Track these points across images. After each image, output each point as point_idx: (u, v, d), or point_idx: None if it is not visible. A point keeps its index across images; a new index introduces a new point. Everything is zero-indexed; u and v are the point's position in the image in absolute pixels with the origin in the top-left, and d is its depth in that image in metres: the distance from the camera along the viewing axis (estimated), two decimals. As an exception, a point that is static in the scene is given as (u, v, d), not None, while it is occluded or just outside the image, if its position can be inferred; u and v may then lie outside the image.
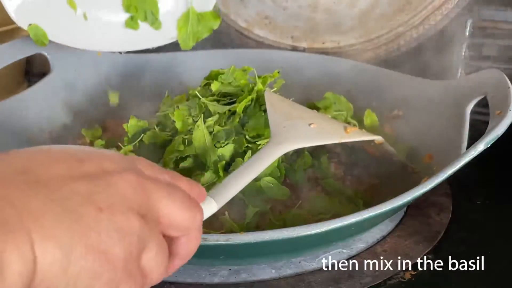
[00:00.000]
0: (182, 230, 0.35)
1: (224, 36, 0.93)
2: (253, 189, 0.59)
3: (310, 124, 0.59)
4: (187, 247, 0.36)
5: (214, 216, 0.56)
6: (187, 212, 0.35)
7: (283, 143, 0.55)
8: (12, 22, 0.69)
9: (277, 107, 0.62)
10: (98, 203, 0.29)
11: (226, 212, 0.56)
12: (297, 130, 0.58)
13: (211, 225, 0.56)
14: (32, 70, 0.97)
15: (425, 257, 0.55)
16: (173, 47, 0.79)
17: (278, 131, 0.57)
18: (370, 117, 0.69)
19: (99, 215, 0.29)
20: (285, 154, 0.62)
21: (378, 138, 0.62)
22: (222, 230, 0.55)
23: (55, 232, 0.27)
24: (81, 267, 0.28)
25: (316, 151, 0.64)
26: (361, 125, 0.69)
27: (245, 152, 0.60)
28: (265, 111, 0.63)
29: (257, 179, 0.59)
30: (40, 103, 0.75)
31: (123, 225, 0.30)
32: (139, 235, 0.31)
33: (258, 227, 0.56)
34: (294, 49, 0.90)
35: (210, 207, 0.42)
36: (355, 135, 0.60)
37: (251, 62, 0.79)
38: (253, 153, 0.60)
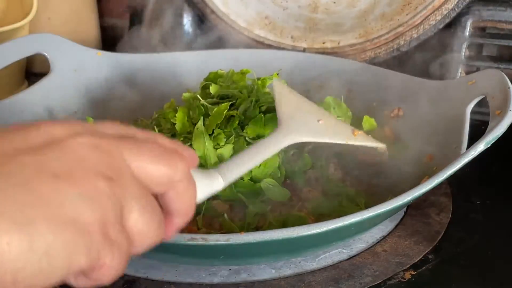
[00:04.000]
0: (164, 184, 0.33)
1: (224, 36, 0.93)
2: (253, 190, 0.59)
3: (318, 120, 0.59)
4: (179, 201, 0.34)
5: (214, 217, 0.57)
6: (163, 164, 0.32)
7: (292, 133, 0.54)
8: (12, 22, 0.69)
9: (286, 97, 0.61)
10: (53, 171, 0.27)
11: (225, 214, 0.56)
12: (306, 124, 0.57)
13: (211, 225, 0.56)
14: (32, 70, 0.97)
15: (425, 257, 0.55)
16: (174, 47, 0.79)
17: (286, 121, 0.56)
18: (368, 122, 0.69)
19: (57, 184, 0.27)
20: (285, 155, 0.62)
21: (382, 146, 0.61)
22: (222, 231, 0.55)
23: (6, 210, 0.25)
24: (47, 243, 0.26)
25: (315, 152, 0.64)
26: (359, 128, 0.69)
27: None
28: (264, 112, 0.63)
29: (257, 181, 0.59)
30: (40, 103, 0.75)
31: (87, 189, 0.28)
32: (111, 196, 0.29)
33: (258, 228, 0.56)
34: (294, 49, 0.90)
35: (217, 183, 0.41)
36: (362, 139, 0.60)
37: (251, 62, 0.79)
38: None
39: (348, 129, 0.61)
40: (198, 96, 0.65)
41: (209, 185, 0.41)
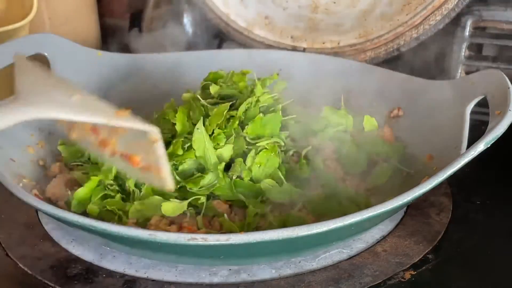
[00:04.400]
0: None
1: (224, 36, 0.93)
2: (253, 190, 0.59)
3: (71, 95, 0.47)
4: None
5: (214, 217, 0.57)
6: None
7: (34, 105, 0.44)
8: (12, 22, 0.68)
9: (28, 72, 0.52)
10: None
11: (225, 214, 0.56)
12: (52, 97, 0.47)
13: (211, 225, 0.56)
14: (32, 70, 0.97)
15: (425, 257, 0.55)
16: (174, 47, 0.79)
17: (29, 92, 0.47)
18: (369, 122, 0.69)
19: None
20: (285, 155, 0.62)
21: (153, 130, 0.47)
22: (222, 231, 0.55)
23: None
24: None
25: (314, 153, 0.64)
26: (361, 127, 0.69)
27: (245, 154, 0.60)
28: (264, 112, 0.63)
29: (257, 181, 0.59)
30: (40, 103, 0.74)
31: None
32: None
33: (258, 228, 0.56)
34: (294, 49, 0.90)
35: None
36: (126, 120, 0.47)
37: (251, 62, 0.79)
38: (255, 152, 0.60)
39: (110, 108, 0.48)
40: (198, 96, 0.65)
41: None
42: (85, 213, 0.58)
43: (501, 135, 0.50)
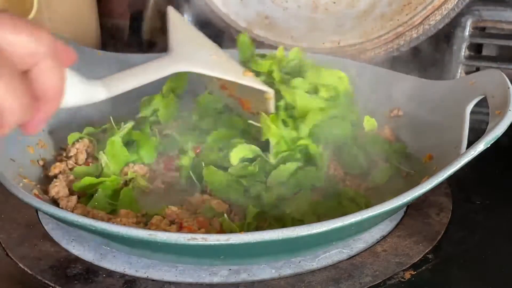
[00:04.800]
0: (26, 56, 0.32)
1: (224, 36, 0.93)
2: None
3: (211, 55, 0.59)
4: (44, 80, 0.33)
5: (214, 217, 0.57)
6: (25, 33, 0.32)
7: (182, 61, 0.55)
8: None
9: (181, 27, 0.62)
10: None
11: (225, 214, 0.56)
12: (198, 54, 0.58)
13: (211, 225, 0.56)
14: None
15: (425, 257, 0.55)
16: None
17: (178, 49, 0.57)
18: (369, 122, 0.69)
19: None
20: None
21: (270, 91, 0.61)
22: (222, 231, 0.55)
23: None
24: None
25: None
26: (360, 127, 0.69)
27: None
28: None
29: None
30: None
31: None
32: None
33: (258, 228, 0.56)
34: (294, 49, 0.90)
35: (98, 92, 0.44)
36: (251, 80, 0.60)
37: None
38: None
39: (239, 68, 0.62)
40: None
41: (88, 91, 0.43)
42: (85, 214, 0.58)
43: (500, 135, 0.50)
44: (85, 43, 0.84)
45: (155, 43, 0.98)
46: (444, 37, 0.83)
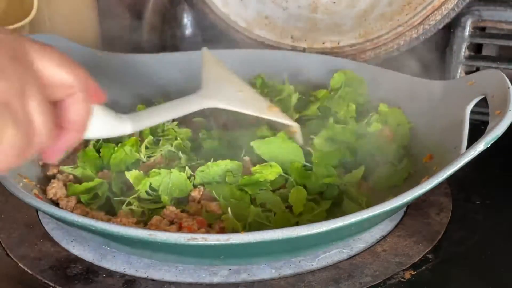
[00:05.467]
0: (63, 88, 0.35)
1: (224, 36, 0.93)
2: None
3: (239, 91, 0.63)
4: (74, 111, 0.37)
5: (214, 217, 0.57)
6: (65, 70, 0.35)
7: (211, 98, 0.60)
8: (12, 22, 0.68)
9: (213, 67, 0.66)
10: None
11: (229, 209, 0.55)
12: (226, 92, 0.62)
13: (211, 225, 0.56)
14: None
15: (425, 257, 0.55)
16: (174, 47, 0.79)
17: (208, 86, 0.62)
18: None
19: None
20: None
21: (295, 125, 0.64)
22: (222, 231, 0.55)
23: None
24: None
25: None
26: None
27: None
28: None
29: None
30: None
31: None
32: (15, 71, 0.31)
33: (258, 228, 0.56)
34: (294, 49, 0.90)
35: (124, 126, 0.46)
36: (275, 115, 0.63)
37: (251, 63, 0.79)
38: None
39: (264, 103, 0.65)
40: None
41: (115, 126, 0.45)
42: (85, 214, 0.58)
43: (500, 135, 0.50)
44: (85, 43, 0.84)
45: (155, 43, 0.98)
46: (444, 37, 0.83)
